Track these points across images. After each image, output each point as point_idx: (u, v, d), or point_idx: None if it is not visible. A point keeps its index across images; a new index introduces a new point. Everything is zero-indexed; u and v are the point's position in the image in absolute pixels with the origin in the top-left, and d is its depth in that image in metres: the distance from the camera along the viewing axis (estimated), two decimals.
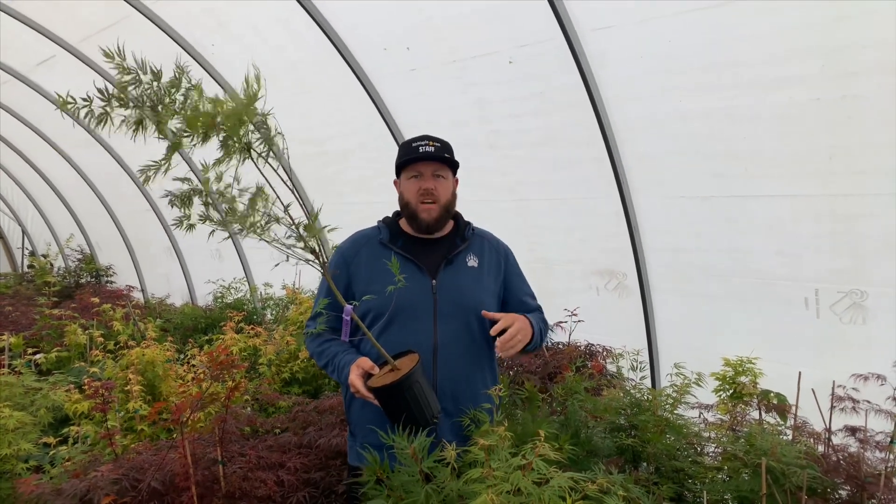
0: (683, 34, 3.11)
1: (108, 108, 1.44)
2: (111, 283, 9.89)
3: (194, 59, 5.14)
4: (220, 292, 6.96)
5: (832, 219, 3.07)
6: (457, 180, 2.20)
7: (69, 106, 1.46)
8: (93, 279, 9.99)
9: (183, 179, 1.64)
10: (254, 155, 1.61)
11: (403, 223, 2.19)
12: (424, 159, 2.07)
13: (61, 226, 11.00)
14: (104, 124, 1.46)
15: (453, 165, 2.12)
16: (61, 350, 5.04)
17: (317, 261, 1.74)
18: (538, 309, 2.29)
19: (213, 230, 1.65)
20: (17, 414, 2.67)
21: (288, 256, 1.72)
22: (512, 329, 1.93)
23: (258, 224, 1.63)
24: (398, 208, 2.19)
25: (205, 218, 1.62)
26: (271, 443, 2.71)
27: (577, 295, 4.16)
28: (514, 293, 2.23)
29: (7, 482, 2.51)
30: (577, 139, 3.81)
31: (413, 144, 2.10)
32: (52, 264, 10.74)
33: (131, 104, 1.48)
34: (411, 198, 2.10)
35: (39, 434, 2.90)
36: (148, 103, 1.48)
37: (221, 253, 7.58)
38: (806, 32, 2.80)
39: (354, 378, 1.87)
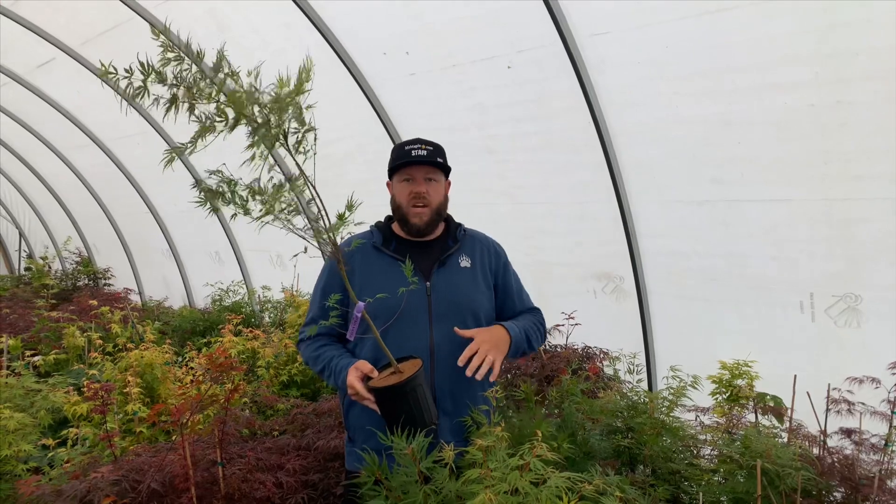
0: (680, 40, 3.14)
1: (146, 84, 1.47)
2: (109, 285, 9.88)
3: (194, 63, 5.15)
4: (219, 295, 6.96)
5: (827, 223, 3.10)
6: (449, 183, 2.21)
7: (111, 76, 1.48)
8: (90, 282, 9.98)
9: (213, 172, 1.67)
10: (284, 147, 1.64)
11: (396, 227, 2.21)
12: (416, 163, 2.08)
13: (59, 228, 10.99)
14: (140, 98, 1.49)
15: (445, 169, 2.14)
16: (59, 352, 5.04)
17: (336, 253, 1.77)
18: (531, 310, 2.29)
19: (235, 214, 1.68)
20: (18, 415, 2.68)
21: (306, 248, 1.75)
22: (477, 356, 1.90)
23: (283, 211, 1.66)
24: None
25: (229, 201, 1.65)
26: (270, 445, 2.72)
27: (575, 298, 4.18)
28: (507, 293, 2.25)
29: (7, 483, 2.51)
30: (575, 144, 3.83)
31: (405, 148, 2.10)
32: (49, 267, 10.71)
33: (170, 81, 1.51)
34: (403, 201, 2.11)
35: (39, 436, 2.91)
36: (184, 84, 1.51)
37: (220, 256, 7.59)
38: (800, 39, 2.83)
39: (353, 380, 1.87)
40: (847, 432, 2.38)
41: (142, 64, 1.49)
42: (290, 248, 6.83)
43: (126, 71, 1.50)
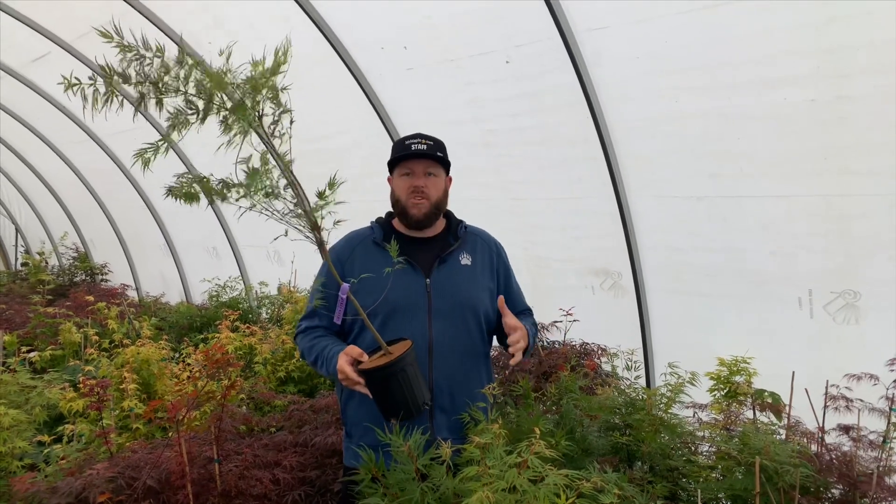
0: (678, 35, 3.12)
1: (111, 86, 1.45)
2: (106, 281, 9.86)
3: (190, 56, 5.13)
4: (216, 291, 6.94)
5: (826, 219, 3.09)
6: (450, 179, 2.20)
7: (74, 87, 1.46)
8: (87, 277, 9.96)
9: (181, 175, 1.64)
10: (257, 134, 1.62)
11: (396, 222, 2.20)
12: (416, 157, 2.08)
13: (55, 223, 10.95)
14: (109, 103, 1.46)
15: (445, 164, 2.13)
16: (56, 348, 5.03)
17: (316, 234, 1.75)
18: (528, 310, 2.33)
19: (212, 200, 1.67)
20: (13, 412, 2.67)
21: (286, 231, 1.73)
22: (518, 334, 2.01)
23: (266, 190, 1.64)
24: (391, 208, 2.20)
25: (208, 193, 1.63)
26: (267, 441, 2.71)
27: (573, 294, 4.17)
28: (508, 294, 2.25)
29: (2, 480, 2.51)
30: (572, 138, 3.82)
31: (406, 142, 2.10)
32: (46, 262, 10.68)
33: (134, 80, 1.49)
34: (402, 195, 2.11)
35: (34, 432, 2.89)
36: (150, 79, 1.49)
37: (217, 251, 7.57)
38: (800, 34, 2.81)
39: (343, 364, 1.85)
40: (845, 429, 2.37)
41: (102, 68, 1.46)
42: (288, 244, 6.79)
43: (90, 78, 1.47)
